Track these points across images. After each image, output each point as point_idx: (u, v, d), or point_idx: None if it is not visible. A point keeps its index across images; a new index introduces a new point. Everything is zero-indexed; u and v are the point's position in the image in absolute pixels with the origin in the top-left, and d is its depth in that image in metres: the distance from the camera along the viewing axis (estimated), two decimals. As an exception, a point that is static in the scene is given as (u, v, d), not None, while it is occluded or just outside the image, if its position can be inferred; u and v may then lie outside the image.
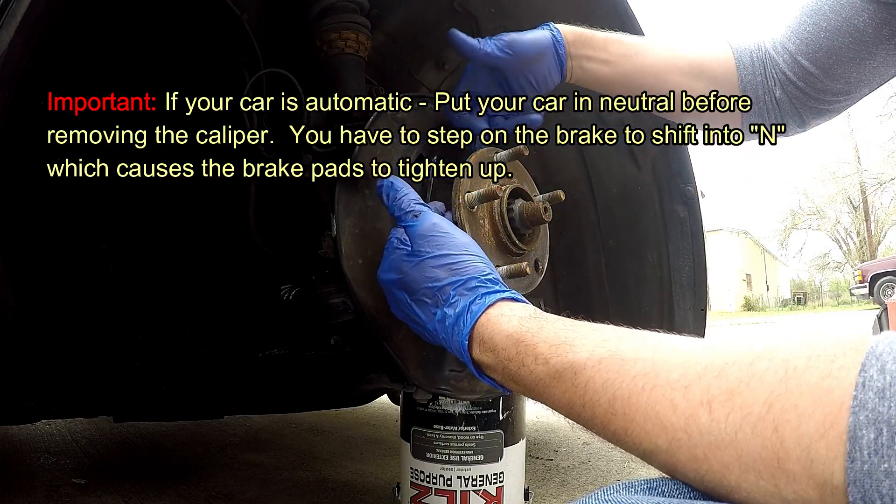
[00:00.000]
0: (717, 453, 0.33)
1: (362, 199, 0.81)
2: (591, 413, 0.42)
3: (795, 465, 0.30)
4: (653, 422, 0.37)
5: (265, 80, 0.99)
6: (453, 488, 0.94)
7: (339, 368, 1.15)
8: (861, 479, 0.27)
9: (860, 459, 0.27)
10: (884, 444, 0.27)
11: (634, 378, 0.39)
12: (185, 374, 1.19)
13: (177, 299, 1.20)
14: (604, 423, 0.41)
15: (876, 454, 0.27)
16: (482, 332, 0.53)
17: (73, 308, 1.10)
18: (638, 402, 0.38)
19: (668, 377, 0.37)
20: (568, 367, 0.44)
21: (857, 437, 0.28)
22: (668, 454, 0.36)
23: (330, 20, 0.97)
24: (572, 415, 0.44)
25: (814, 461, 0.29)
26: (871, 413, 0.27)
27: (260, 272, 1.12)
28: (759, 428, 0.31)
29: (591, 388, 0.41)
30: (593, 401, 0.41)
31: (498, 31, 0.86)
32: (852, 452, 0.28)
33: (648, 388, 0.38)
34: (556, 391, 0.45)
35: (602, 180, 1.32)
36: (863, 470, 0.27)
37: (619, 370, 0.40)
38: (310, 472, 1.72)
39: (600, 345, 0.43)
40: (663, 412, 0.36)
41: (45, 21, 0.69)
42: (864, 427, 0.28)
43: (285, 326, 1.12)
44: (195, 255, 1.20)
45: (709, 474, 0.34)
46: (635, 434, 0.38)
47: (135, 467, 1.78)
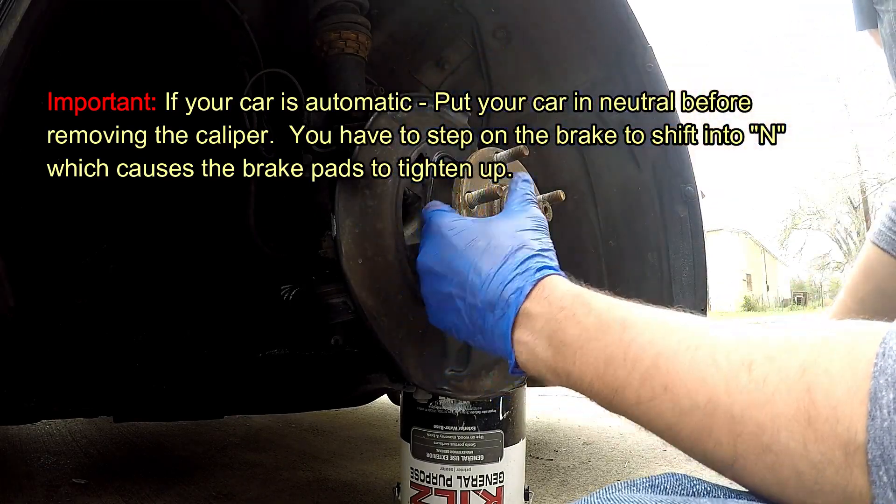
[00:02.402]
0: (754, 412, 0.35)
1: (362, 199, 0.81)
2: (630, 368, 0.43)
3: (824, 426, 0.32)
4: (695, 379, 0.38)
5: (265, 80, 0.99)
6: (453, 488, 0.94)
7: (339, 368, 1.15)
8: (880, 436, 0.29)
9: (880, 417, 0.30)
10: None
11: (680, 340, 0.41)
12: (185, 374, 1.19)
13: (177, 299, 1.20)
14: (642, 379, 0.42)
15: (894, 412, 0.29)
16: (545, 283, 0.54)
17: (73, 308, 1.10)
18: (682, 359, 0.40)
19: (712, 342, 0.39)
20: (618, 321, 0.46)
21: (877, 398, 0.30)
22: (705, 413, 0.38)
23: (330, 20, 0.97)
24: (606, 371, 0.44)
25: (840, 421, 0.31)
26: (891, 377, 0.30)
27: (260, 272, 1.12)
28: (793, 390, 0.33)
29: (638, 343, 0.43)
30: (637, 356, 0.42)
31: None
32: (873, 411, 0.30)
33: (693, 349, 0.40)
34: (599, 344, 0.46)
35: (602, 180, 1.32)
36: (882, 427, 0.29)
37: (666, 332, 0.42)
38: (310, 472, 1.72)
39: (649, 312, 0.46)
40: (706, 370, 0.38)
41: (45, 21, 0.69)
42: (883, 389, 0.30)
43: (285, 326, 1.12)
44: (195, 255, 1.20)
45: (743, 435, 0.36)
46: (674, 390, 0.39)
47: (135, 467, 1.78)
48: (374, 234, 0.80)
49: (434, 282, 0.65)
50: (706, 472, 0.42)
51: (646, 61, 1.18)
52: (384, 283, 0.81)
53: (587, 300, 0.50)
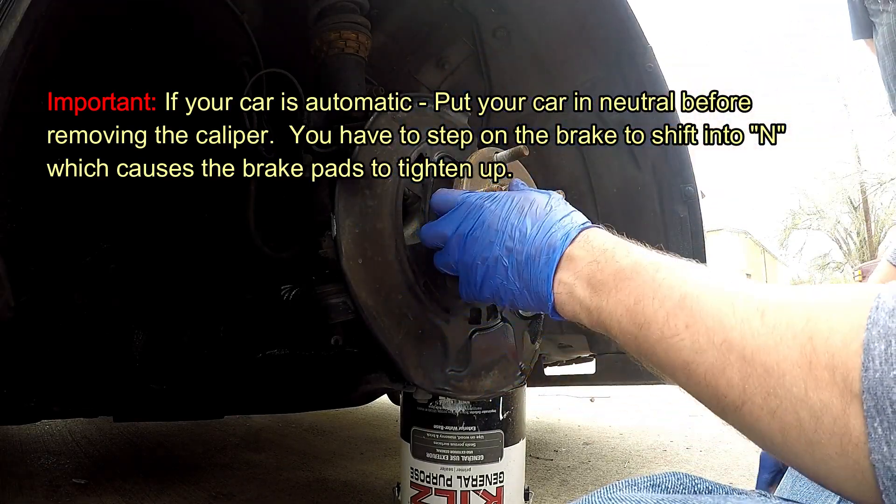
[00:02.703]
0: (762, 356, 0.37)
1: (362, 199, 0.81)
2: (657, 306, 0.46)
3: (823, 372, 0.33)
4: (714, 319, 0.41)
5: (265, 80, 0.99)
6: (453, 488, 0.94)
7: (339, 368, 1.15)
8: (874, 386, 0.31)
9: (872, 368, 0.31)
10: (892, 353, 0.31)
11: (704, 285, 0.44)
12: (185, 374, 1.19)
13: (177, 299, 1.20)
14: (667, 316, 0.44)
15: (886, 363, 0.31)
16: (589, 232, 0.58)
17: (73, 308, 1.10)
18: (705, 301, 0.42)
19: (732, 289, 0.42)
20: (653, 263, 0.50)
21: (870, 349, 0.31)
22: (720, 352, 0.40)
23: (330, 20, 0.97)
24: (636, 308, 0.48)
25: (837, 368, 0.33)
26: (882, 329, 0.31)
27: (260, 272, 1.12)
28: (798, 336, 0.35)
29: (667, 283, 0.46)
30: (665, 295, 0.46)
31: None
32: (866, 362, 0.31)
33: (716, 291, 0.43)
34: (631, 283, 0.49)
35: (602, 180, 1.32)
36: (875, 378, 0.31)
37: (693, 277, 0.46)
38: (310, 472, 1.72)
39: (680, 261, 0.50)
40: (725, 312, 0.41)
41: (45, 21, 0.69)
42: (875, 340, 0.31)
43: (285, 326, 1.12)
44: (195, 255, 1.20)
45: (751, 377, 0.38)
46: (695, 329, 0.42)
47: (135, 467, 1.78)
48: (374, 234, 0.80)
49: (478, 249, 0.66)
50: (706, 472, 0.43)
51: (646, 61, 1.18)
52: (384, 283, 0.81)
53: (626, 246, 0.54)
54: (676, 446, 2.08)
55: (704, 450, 1.99)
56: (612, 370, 1.55)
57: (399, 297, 0.81)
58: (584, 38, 1.20)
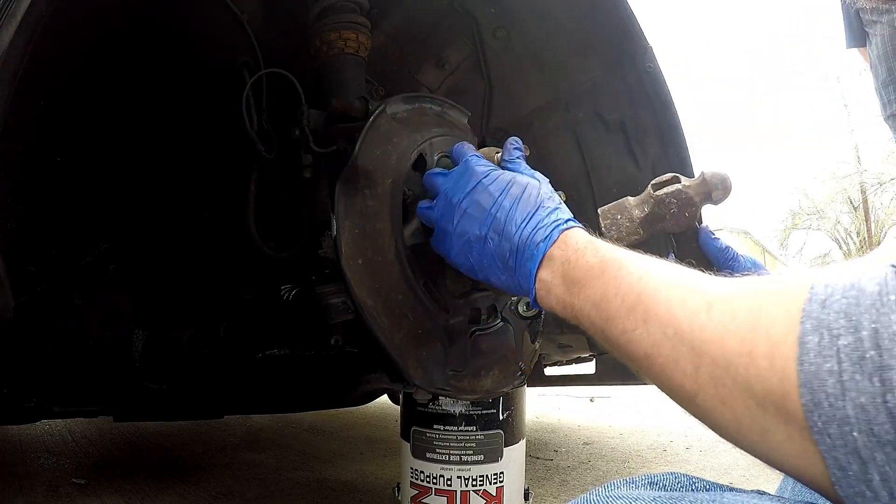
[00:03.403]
0: (709, 347, 0.39)
1: (362, 199, 0.81)
2: (619, 302, 0.48)
3: (763, 362, 0.34)
4: (667, 312, 0.43)
5: (265, 80, 0.99)
6: (453, 488, 0.94)
7: (339, 368, 1.15)
8: (809, 380, 0.32)
9: (808, 362, 0.32)
10: (825, 346, 0.31)
11: (661, 281, 0.46)
12: (185, 374, 1.19)
13: (177, 299, 1.20)
14: (628, 311, 0.47)
15: (819, 356, 0.31)
16: (569, 233, 0.61)
17: (73, 308, 1.10)
18: (660, 296, 0.45)
19: (684, 284, 0.45)
20: (616, 261, 0.52)
21: (804, 343, 0.32)
22: (673, 344, 0.42)
23: (330, 20, 0.97)
24: (601, 304, 0.50)
25: (775, 358, 0.34)
26: (815, 321, 0.32)
27: (260, 272, 1.12)
28: (742, 328, 0.37)
29: (628, 281, 0.49)
30: (626, 291, 0.48)
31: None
32: (801, 356, 0.32)
33: (670, 286, 0.45)
34: (599, 281, 0.52)
35: (602, 180, 1.32)
36: (810, 371, 0.32)
37: (652, 274, 0.48)
38: (310, 472, 1.72)
39: (644, 258, 0.52)
40: (676, 307, 0.43)
41: (45, 20, 0.69)
42: (809, 333, 0.32)
43: (285, 326, 1.12)
44: (195, 255, 1.20)
45: (702, 367, 0.39)
46: (651, 323, 0.44)
47: (135, 467, 1.78)
48: (374, 234, 0.80)
49: (466, 223, 0.69)
50: (706, 472, 0.43)
51: (646, 61, 1.18)
52: (384, 283, 0.81)
53: (597, 246, 0.57)
54: (676, 446, 2.08)
55: (704, 450, 1.99)
56: (612, 370, 1.56)
57: (399, 297, 0.81)
58: (584, 38, 1.20)
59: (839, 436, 0.31)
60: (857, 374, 0.30)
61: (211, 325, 1.17)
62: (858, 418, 0.30)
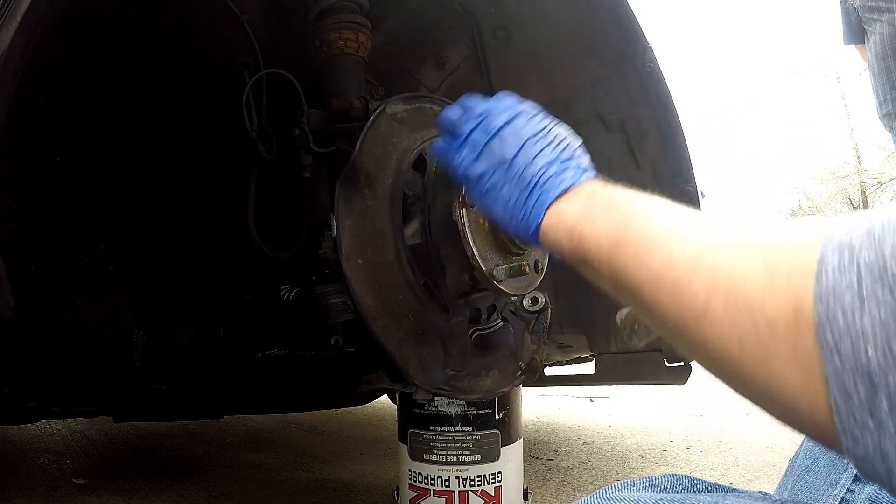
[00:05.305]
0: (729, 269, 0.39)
1: (362, 199, 0.81)
2: (641, 231, 0.48)
3: (780, 279, 0.35)
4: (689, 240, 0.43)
5: (265, 81, 0.99)
6: (451, 489, 0.94)
7: (339, 368, 1.15)
8: (826, 294, 0.31)
9: (825, 277, 0.32)
10: (845, 264, 0.31)
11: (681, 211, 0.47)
12: (185, 374, 1.19)
13: (177, 299, 1.20)
14: (646, 237, 0.47)
15: (838, 271, 0.31)
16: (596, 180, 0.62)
17: (73, 308, 1.10)
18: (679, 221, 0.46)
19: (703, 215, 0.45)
20: (642, 197, 0.52)
21: (824, 261, 0.32)
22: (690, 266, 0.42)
23: (330, 20, 0.97)
24: (616, 233, 0.50)
25: (793, 273, 0.34)
26: (837, 244, 0.32)
27: (260, 272, 1.12)
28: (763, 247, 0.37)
29: (655, 214, 0.49)
30: (649, 222, 0.48)
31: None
32: (819, 273, 0.32)
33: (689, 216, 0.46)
34: (618, 212, 0.52)
35: (602, 180, 1.32)
36: (828, 287, 0.31)
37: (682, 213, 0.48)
38: (310, 472, 1.72)
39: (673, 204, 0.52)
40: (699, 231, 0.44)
41: (46, 21, 0.69)
42: (831, 253, 0.32)
43: (285, 326, 1.12)
44: (195, 255, 1.20)
45: (716, 287, 0.39)
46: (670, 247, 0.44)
47: (135, 467, 1.78)
48: (374, 234, 0.80)
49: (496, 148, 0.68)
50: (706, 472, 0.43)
51: (646, 61, 1.18)
52: (384, 283, 0.81)
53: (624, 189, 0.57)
54: (676, 446, 2.08)
55: (704, 450, 1.99)
56: (612, 370, 1.55)
57: (399, 297, 0.81)
58: (584, 38, 1.20)
59: (851, 354, 0.29)
60: (878, 288, 0.29)
61: (211, 325, 1.17)
62: (876, 333, 0.29)
